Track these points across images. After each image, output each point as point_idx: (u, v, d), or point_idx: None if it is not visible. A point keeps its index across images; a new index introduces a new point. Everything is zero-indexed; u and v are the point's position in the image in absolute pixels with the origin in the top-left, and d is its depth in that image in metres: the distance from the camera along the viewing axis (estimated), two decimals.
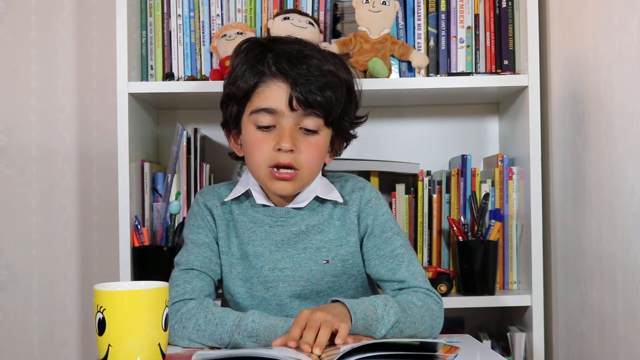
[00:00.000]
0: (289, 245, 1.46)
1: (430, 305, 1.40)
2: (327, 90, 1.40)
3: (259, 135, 1.41)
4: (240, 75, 1.43)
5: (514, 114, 1.96)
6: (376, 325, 1.28)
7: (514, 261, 1.93)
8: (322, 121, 1.42)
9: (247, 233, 1.48)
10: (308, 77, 1.39)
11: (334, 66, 1.44)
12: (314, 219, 1.47)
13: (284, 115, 1.39)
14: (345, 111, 1.46)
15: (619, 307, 1.45)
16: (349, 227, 1.48)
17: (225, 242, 1.49)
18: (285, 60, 1.40)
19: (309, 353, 1.16)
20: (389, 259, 1.45)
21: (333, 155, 1.53)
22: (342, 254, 1.46)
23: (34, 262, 2.16)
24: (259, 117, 1.41)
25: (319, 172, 1.49)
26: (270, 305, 1.46)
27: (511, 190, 1.93)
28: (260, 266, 1.46)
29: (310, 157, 1.41)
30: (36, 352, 2.16)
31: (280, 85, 1.39)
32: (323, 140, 1.44)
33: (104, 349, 1.06)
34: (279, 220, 1.47)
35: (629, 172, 1.39)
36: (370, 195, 1.50)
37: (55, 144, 2.16)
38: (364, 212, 1.48)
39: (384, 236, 1.47)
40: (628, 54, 1.39)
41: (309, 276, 1.45)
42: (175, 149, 1.90)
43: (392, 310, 1.30)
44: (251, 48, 1.45)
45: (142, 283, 1.13)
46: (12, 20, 2.16)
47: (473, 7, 1.95)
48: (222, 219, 1.50)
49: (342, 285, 1.47)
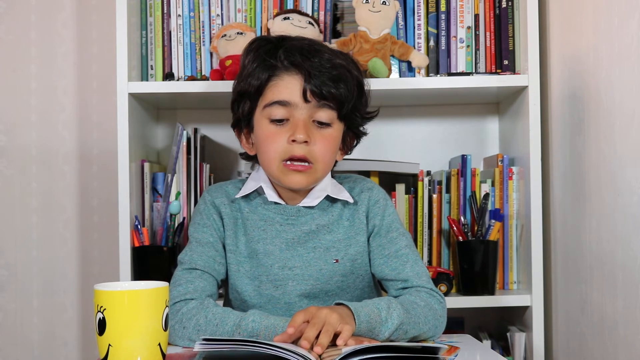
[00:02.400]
0: (299, 244, 1.47)
1: (433, 305, 1.40)
2: (340, 82, 1.42)
3: (273, 129, 1.42)
4: (252, 71, 1.44)
5: (514, 114, 1.96)
6: (379, 328, 1.29)
7: (514, 261, 1.93)
8: (335, 114, 1.43)
9: (257, 231, 1.48)
10: (321, 69, 1.41)
11: (345, 61, 1.46)
12: (324, 219, 1.48)
13: (298, 107, 1.41)
14: (356, 106, 1.47)
15: (619, 307, 1.45)
16: (358, 227, 1.49)
17: (232, 241, 1.49)
18: (298, 53, 1.42)
19: (308, 350, 1.17)
20: (394, 258, 1.46)
21: (344, 152, 1.54)
22: (351, 254, 1.47)
23: (34, 262, 2.16)
24: (272, 110, 1.41)
25: (331, 169, 1.51)
26: (278, 304, 1.46)
27: (511, 190, 1.93)
28: (270, 264, 1.46)
29: (324, 150, 1.42)
30: (36, 352, 2.16)
31: (294, 77, 1.41)
32: (336, 134, 1.45)
33: (104, 349, 1.06)
34: (290, 218, 1.48)
35: (629, 172, 1.39)
36: (379, 196, 1.51)
37: (55, 144, 2.16)
38: (372, 212, 1.49)
39: (390, 236, 1.48)
40: (628, 54, 1.39)
41: (318, 275, 1.46)
42: (175, 149, 1.90)
43: (395, 312, 1.30)
44: (262, 45, 1.47)
45: (143, 283, 1.13)
46: (12, 20, 2.16)
47: (473, 7, 1.95)
48: (230, 217, 1.50)
49: (350, 285, 1.48)
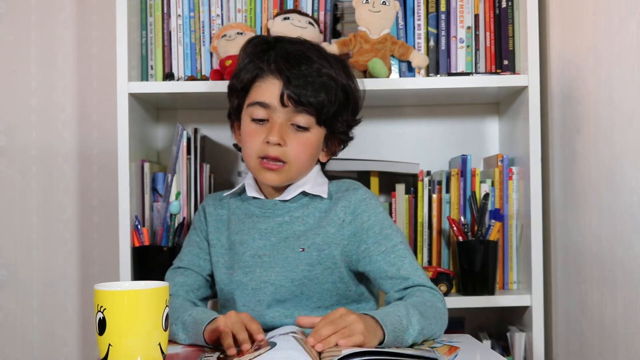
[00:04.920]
0: (272, 234, 1.52)
1: (437, 304, 1.42)
2: (320, 91, 1.46)
3: (253, 127, 1.49)
4: (243, 68, 1.52)
5: (514, 114, 1.96)
6: (403, 336, 1.30)
7: (514, 261, 1.94)
8: (314, 119, 1.48)
9: (238, 224, 1.55)
10: (302, 77, 1.45)
11: (334, 69, 1.50)
12: (299, 212, 1.52)
13: (276, 110, 1.47)
14: (340, 113, 1.51)
15: (619, 307, 1.45)
16: (331, 218, 1.50)
17: (214, 236, 1.57)
18: (284, 59, 1.47)
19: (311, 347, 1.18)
20: (391, 253, 1.47)
21: (329, 155, 1.58)
22: (317, 243, 1.49)
23: (34, 262, 2.16)
24: (254, 109, 1.49)
25: (310, 168, 1.54)
26: (246, 290, 1.51)
27: (511, 190, 1.93)
28: (243, 252, 1.52)
29: (299, 152, 1.48)
30: (36, 352, 2.16)
31: (275, 82, 1.47)
32: (314, 138, 1.50)
33: (104, 348, 1.06)
34: (267, 211, 1.54)
35: (628, 172, 1.39)
36: (366, 195, 1.53)
37: (55, 144, 2.16)
38: (360, 209, 1.50)
39: (384, 232, 1.49)
40: (628, 54, 1.39)
41: (284, 263, 1.49)
42: (175, 149, 1.90)
43: (414, 318, 1.32)
44: (257, 44, 1.53)
45: (143, 283, 1.14)
46: (12, 20, 2.16)
47: (473, 7, 1.95)
48: (213, 215, 1.59)
49: (318, 276, 1.49)
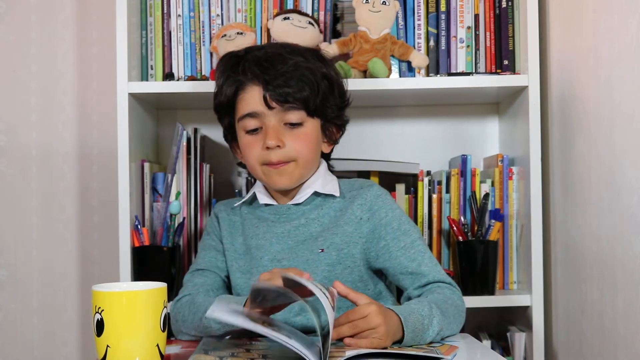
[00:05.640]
0: (289, 237, 1.52)
1: (457, 302, 1.44)
2: (299, 82, 1.47)
3: (249, 139, 1.50)
4: (220, 88, 1.53)
5: (514, 114, 1.96)
6: (422, 335, 1.32)
7: (514, 261, 1.93)
8: (304, 113, 1.48)
9: (252, 229, 1.55)
10: (280, 75, 1.46)
11: (309, 60, 1.50)
12: (314, 213, 1.52)
13: (265, 115, 1.47)
14: (327, 99, 1.51)
15: (618, 307, 1.45)
16: (348, 217, 1.50)
17: (228, 240, 1.57)
18: (255, 65, 1.48)
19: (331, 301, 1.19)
20: (410, 249, 1.48)
21: (331, 143, 1.59)
22: (336, 243, 1.49)
23: (34, 262, 2.16)
24: (245, 122, 1.50)
25: (317, 161, 1.55)
26: None
27: (511, 190, 1.93)
28: (260, 257, 1.52)
29: (300, 148, 1.48)
30: (36, 352, 2.16)
31: (255, 89, 1.48)
32: (310, 131, 1.50)
33: (102, 350, 1.06)
34: (282, 216, 1.54)
35: (628, 172, 1.39)
36: (380, 192, 1.54)
37: (55, 144, 2.16)
38: (377, 205, 1.51)
39: (403, 228, 1.50)
40: (628, 54, 1.39)
41: (304, 266, 1.48)
42: (175, 149, 1.90)
43: (435, 319, 1.33)
44: (228, 60, 1.54)
45: (141, 284, 1.14)
46: (12, 20, 2.16)
47: (473, 7, 1.95)
48: (226, 220, 1.59)
49: (338, 276, 1.49)
